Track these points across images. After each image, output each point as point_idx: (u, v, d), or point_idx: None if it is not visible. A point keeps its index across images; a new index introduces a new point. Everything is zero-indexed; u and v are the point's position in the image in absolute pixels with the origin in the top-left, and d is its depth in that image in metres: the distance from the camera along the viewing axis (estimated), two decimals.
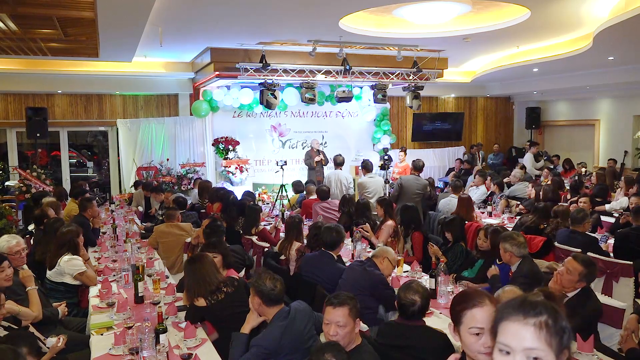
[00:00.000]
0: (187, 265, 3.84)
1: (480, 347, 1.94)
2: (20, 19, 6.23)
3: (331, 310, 2.74)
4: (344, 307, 2.73)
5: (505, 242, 4.13)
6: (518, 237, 4.16)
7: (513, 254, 4.09)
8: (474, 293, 2.10)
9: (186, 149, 11.47)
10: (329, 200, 7.60)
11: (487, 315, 1.96)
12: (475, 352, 1.96)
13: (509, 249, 4.10)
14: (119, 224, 7.15)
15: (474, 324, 1.97)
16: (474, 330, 1.97)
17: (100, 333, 3.65)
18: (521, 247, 4.08)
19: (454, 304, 2.12)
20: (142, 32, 7.10)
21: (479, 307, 1.99)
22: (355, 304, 2.81)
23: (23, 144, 11.76)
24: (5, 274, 3.74)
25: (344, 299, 2.79)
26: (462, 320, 2.01)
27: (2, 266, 3.72)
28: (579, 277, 3.50)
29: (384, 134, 12.73)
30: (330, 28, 7.60)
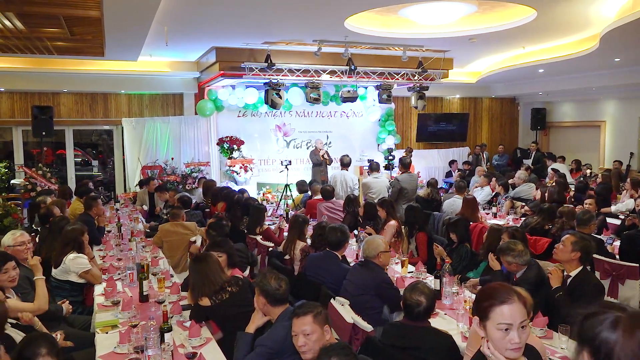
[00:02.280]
0: (192, 265, 3.84)
1: (507, 342, 1.96)
2: (26, 17, 6.26)
3: (295, 321, 2.73)
4: (307, 315, 2.70)
5: (506, 255, 4.03)
6: (516, 246, 4.04)
7: (517, 264, 4.05)
8: (501, 288, 2.08)
9: (191, 148, 11.48)
10: (333, 200, 7.59)
11: (516, 311, 1.97)
12: (503, 348, 1.98)
13: (512, 261, 4.02)
14: (124, 222, 7.16)
15: (503, 320, 1.97)
16: (503, 326, 1.97)
17: (105, 331, 3.66)
18: (523, 254, 4.02)
19: (480, 299, 2.10)
20: (148, 31, 7.11)
21: (508, 304, 1.98)
22: (321, 310, 2.76)
23: (29, 142, 11.81)
24: (8, 275, 3.71)
25: (306, 307, 2.76)
26: (489, 315, 2.00)
27: (5, 267, 3.69)
28: (571, 247, 3.86)
29: (389, 134, 12.72)
30: (335, 28, 7.60)
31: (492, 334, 1.99)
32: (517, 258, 4.01)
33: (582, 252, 3.86)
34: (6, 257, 3.79)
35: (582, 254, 3.86)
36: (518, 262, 4.01)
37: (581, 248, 3.86)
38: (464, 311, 3.73)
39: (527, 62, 10.30)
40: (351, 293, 3.99)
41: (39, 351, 2.50)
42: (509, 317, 1.96)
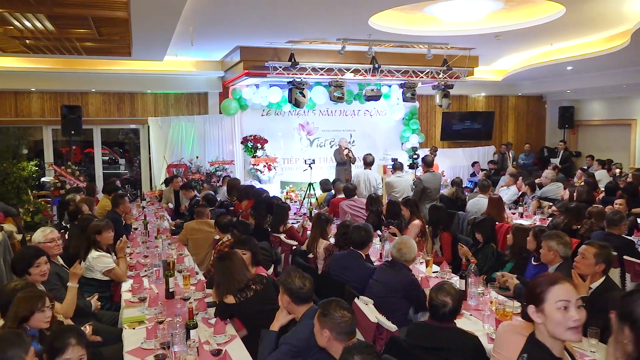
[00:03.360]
0: (217, 262, 3.87)
1: (568, 320, 2.07)
2: (56, 19, 6.39)
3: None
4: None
5: (551, 239, 3.97)
6: (564, 237, 4.03)
7: (558, 253, 3.94)
8: (549, 274, 2.34)
9: (215, 146, 11.59)
10: (355, 198, 7.57)
11: (569, 289, 2.12)
12: (564, 328, 2.09)
13: (554, 247, 3.94)
14: (150, 220, 7.27)
15: (561, 297, 2.09)
16: (562, 303, 2.09)
17: (132, 327, 3.71)
18: (567, 247, 3.95)
19: (533, 287, 2.20)
20: (174, 31, 7.20)
21: (560, 284, 2.13)
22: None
23: (58, 141, 12.07)
24: (40, 270, 3.80)
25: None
26: (546, 297, 2.12)
27: (38, 262, 3.79)
28: (595, 260, 3.55)
29: (413, 133, 12.63)
30: (359, 26, 7.58)
31: (552, 315, 2.10)
32: (561, 247, 3.94)
33: (606, 263, 3.58)
34: (38, 252, 3.89)
35: (606, 265, 3.58)
36: (560, 251, 3.93)
37: (605, 259, 3.58)
38: (489, 312, 3.68)
39: (555, 59, 10.11)
40: (377, 294, 3.97)
41: (69, 341, 2.60)
42: (566, 294, 2.09)
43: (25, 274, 3.76)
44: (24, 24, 6.52)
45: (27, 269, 3.77)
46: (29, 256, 3.82)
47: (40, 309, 2.97)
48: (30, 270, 3.78)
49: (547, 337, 2.15)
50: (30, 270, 3.77)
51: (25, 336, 2.49)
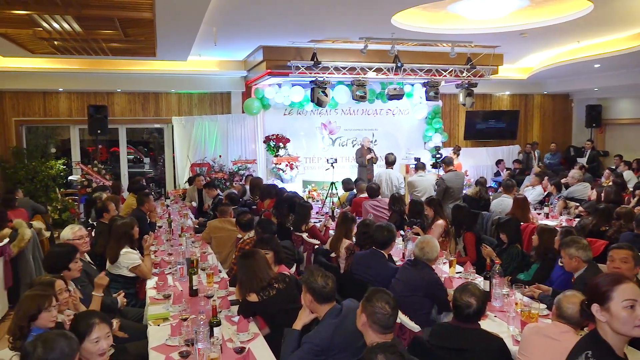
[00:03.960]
0: (240, 261, 3.90)
1: (635, 320, 2.10)
2: (84, 20, 6.51)
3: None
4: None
5: (569, 247, 3.91)
6: (581, 240, 3.96)
7: (580, 259, 3.88)
8: (614, 273, 2.38)
9: (238, 146, 11.68)
10: (378, 198, 7.54)
11: (635, 289, 2.14)
12: (631, 326, 2.11)
13: (574, 254, 3.88)
14: (174, 218, 7.35)
15: (627, 296, 2.11)
16: (628, 302, 2.11)
17: (157, 324, 3.76)
18: (587, 249, 3.89)
19: (597, 285, 2.21)
20: (198, 31, 7.27)
21: (626, 283, 2.15)
22: None
23: (85, 140, 12.32)
24: (78, 266, 3.96)
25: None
26: (612, 296, 2.14)
27: (77, 257, 3.95)
28: (634, 262, 3.60)
29: (436, 132, 12.53)
30: (382, 25, 7.55)
31: (618, 314, 2.11)
32: (581, 252, 3.87)
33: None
34: (75, 249, 4.04)
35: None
36: (581, 256, 3.87)
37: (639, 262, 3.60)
38: (515, 314, 3.63)
39: (582, 56, 9.90)
40: (399, 293, 3.94)
41: (93, 321, 2.72)
42: (632, 293, 2.12)
43: (65, 270, 3.86)
44: (52, 25, 6.66)
45: (67, 264, 3.87)
46: (69, 252, 3.94)
47: (46, 308, 2.98)
48: (71, 266, 3.90)
49: (610, 335, 2.16)
50: (70, 265, 3.90)
51: (72, 335, 2.53)
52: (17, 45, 8.03)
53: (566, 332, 2.81)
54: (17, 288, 6.32)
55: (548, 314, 3.69)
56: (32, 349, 2.35)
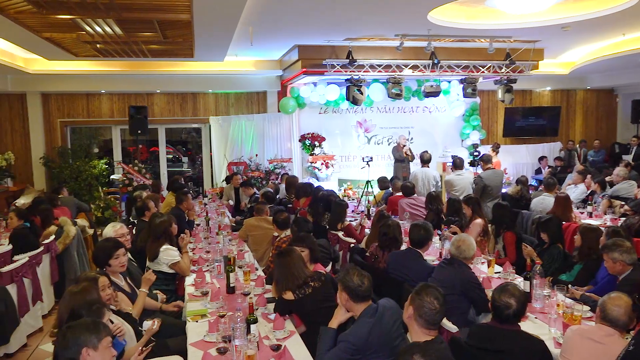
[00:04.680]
0: (276, 259, 3.92)
1: None
2: (124, 23, 6.68)
3: None
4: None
5: (612, 251, 3.78)
6: (624, 243, 3.82)
7: (624, 262, 3.75)
8: None
9: (274, 144, 11.77)
10: (414, 196, 7.47)
11: None
12: None
13: (618, 258, 3.76)
14: (212, 216, 7.46)
15: None
16: None
17: (195, 320, 3.83)
18: (631, 252, 3.76)
19: None
20: (234, 32, 7.36)
21: None
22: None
23: (126, 140, 12.65)
24: (119, 261, 4.05)
25: None
26: None
27: (117, 253, 4.04)
28: None
29: (473, 129, 12.30)
30: (418, 22, 7.46)
31: None
32: (625, 255, 3.75)
33: None
34: (117, 245, 4.12)
35: None
36: (625, 260, 3.74)
37: None
38: (556, 315, 3.54)
39: (627, 50, 9.53)
40: None
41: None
42: None
43: (106, 265, 3.98)
44: (94, 29, 6.86)
45: (108, 260, 3.99)
46: (109, 248, 4.05)
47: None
48: (110, 262, 4.01)
49: None
50: (110, 261, 4.01)
51: (103, 326, 2.60)
52: (61, 48, 8.30)
53: (611, 335, 2.72)
54: (63, 283, 6.55)
55: (592, 316, 3.58)
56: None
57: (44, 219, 6.50)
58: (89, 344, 2.43)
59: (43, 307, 5.96)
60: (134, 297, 4.11)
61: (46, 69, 10.23)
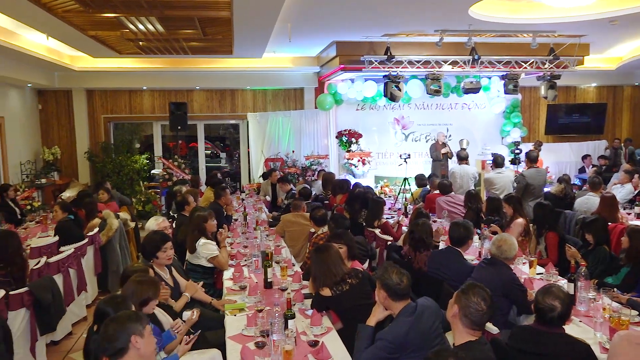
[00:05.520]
0: (314, 255, 3.92)
1: None
2: (166, 21, 6.82)
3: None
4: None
5: None
6: None
7: None
8: None
9: (311, 141, 11.80)
10: (452, 194, 7.36)
11: None
12: None
13: None
14: (249, 212, 7.53)
15: None
16: None
17: (233, 314, 3.87)
18: None
19: None
20: (273, 28, 7.40)
21: None
22: None
23: (166, 135, 12.91)
24: (167, 255, 4.15)
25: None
26: None
27: (165, 246, 4.14)
28: None
29: (514, 126, 12.02)
30: (459, 16, 7.33)
31: None
32: None
33: None
34: (165, 238, 4.23)
35: None
36: None
37: None
38: (602, 319, 3.42)
39: None
40: None
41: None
42: None
43: (153, 257, 4.08)
44: (137, 26, 7.03)
45: (155, 252, 4.09)
46: (157, 241, 4.15)
47: (155, 296, 3.22)
48: (158, 254, 4.11)
49: None
50: (158, 254, 4.11)
51: (142, 315, 2.71)
52: (106, 46, 8.53)
53: None
54: (105, 274, 6.75)
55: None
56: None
57: (89, 212, 6.69)
58: (137, 332, 2.52)
59: (87, 297, 6.16)
60: (176, 290, 4.19)
61: (91, 66, 10.55)
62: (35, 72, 9.98)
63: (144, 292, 3.18)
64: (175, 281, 4.30)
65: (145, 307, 3.19)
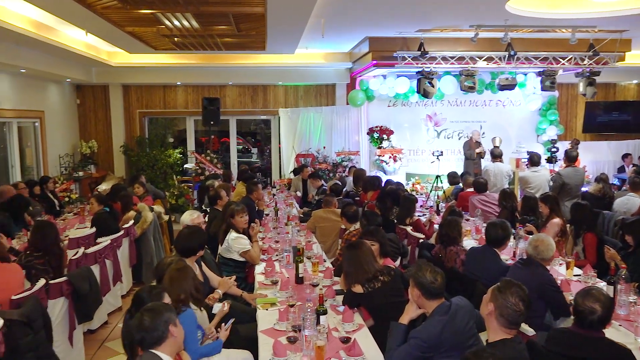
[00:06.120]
0: (346, 251, 3.92)
1: None
2: (201, 17, 6.89)
3: None
4: None
5: None
6: None
7: None
8: None
9: (342, 137, 11.77)
10: (486, 192, 7.24)
11: None
12: None
13: None
14: (280, 207, 7.57)
15: None
16: None
17: (265, 308, 3.90)
18: None
19: None
20: (306, 24, 7.40)
21: None
22: None
23: (198, 130, 13.08)
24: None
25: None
26: None
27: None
28: None
29: (550, 124, 11.73)
30: (495, 11, 7.18)
31: None
32: None
33: None
34: (202, 234, 4.32)
35: None
36: None
37: None
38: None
39: None
40: None
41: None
42: None
43: (192, 255, 4.13)
44: (173, 22, 7.13)
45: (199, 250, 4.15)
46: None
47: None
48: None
49: None
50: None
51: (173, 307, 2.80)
52: (142, 42, 8.68)
53: None
54: (140, 266, 6.89)
55: None
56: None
57: (124, 205, 6.84)
58: (172, 321, 2.59)
59: (122, 288, 6.31)
60: (206, 285, 4.23)
61: (127, 62, 10.76)
62: (74, 67, 10.24)
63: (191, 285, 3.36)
64: (205, 276, 4.33)
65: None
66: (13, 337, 3.41)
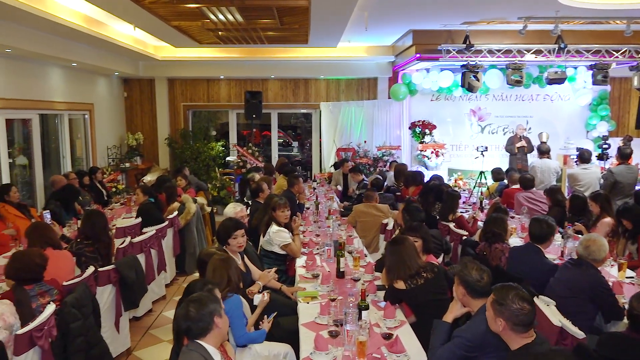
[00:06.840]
0: (389, 246, 3.88)
1: None
2: (245, 11, 6.95)
3: None
4: None
5: None
6: None
7: None
8: None
9: (383, 131, 11.67)
10: (533, 190, 7.03)
11: None
12: None
13: None
14: (321, 201, 7.58)
15: None
16: None
17: (306, 301, 3.91)
18: None
19: None
20: (350, 17, 7.34)
21: None
22: None
23: (240, 124, 13.23)
24: (237, 242, 4.22)
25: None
26: None
27: (235, 234, 4.21)
28: None
29: (601, 120, 11.27)
30: (545, 2, 6.94)
31: None
32: None
33: None
34: (237, 225, 4.30)
35: None
36: None
37: None
38: None
39: None
40: (559, 294, 3.63)
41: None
42: None
43: (225, 243, 4.19)
44: (218, 17, 7.21)
45: (227, 239, 4.19)
46: (229, 227, 4.24)
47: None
48: (229, 241, 4.20)
49: None
50: (229, 240, 4.20)
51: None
52: (187, 36, 8.83)
53: None
54: (183, 256, 7.04)
55: None
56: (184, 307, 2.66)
57: (169, 196, 6.99)
58: (217, 312, 2.64)
59: (166, 277, 6.46)
60: (248, 277, 4.28)
61: (172, 55, 10.98)
62: (122, 61, 10.52)
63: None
64: (247, 268, 4.38)
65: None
66: (65, 322, 3.53)
